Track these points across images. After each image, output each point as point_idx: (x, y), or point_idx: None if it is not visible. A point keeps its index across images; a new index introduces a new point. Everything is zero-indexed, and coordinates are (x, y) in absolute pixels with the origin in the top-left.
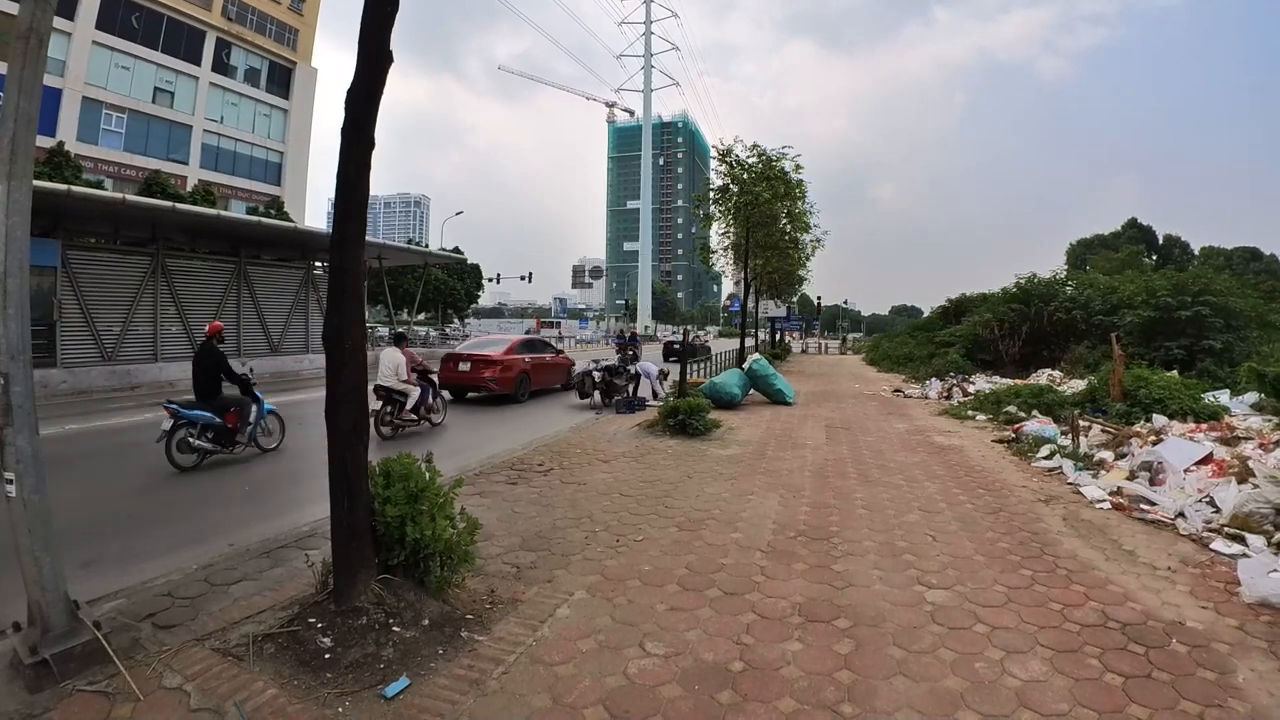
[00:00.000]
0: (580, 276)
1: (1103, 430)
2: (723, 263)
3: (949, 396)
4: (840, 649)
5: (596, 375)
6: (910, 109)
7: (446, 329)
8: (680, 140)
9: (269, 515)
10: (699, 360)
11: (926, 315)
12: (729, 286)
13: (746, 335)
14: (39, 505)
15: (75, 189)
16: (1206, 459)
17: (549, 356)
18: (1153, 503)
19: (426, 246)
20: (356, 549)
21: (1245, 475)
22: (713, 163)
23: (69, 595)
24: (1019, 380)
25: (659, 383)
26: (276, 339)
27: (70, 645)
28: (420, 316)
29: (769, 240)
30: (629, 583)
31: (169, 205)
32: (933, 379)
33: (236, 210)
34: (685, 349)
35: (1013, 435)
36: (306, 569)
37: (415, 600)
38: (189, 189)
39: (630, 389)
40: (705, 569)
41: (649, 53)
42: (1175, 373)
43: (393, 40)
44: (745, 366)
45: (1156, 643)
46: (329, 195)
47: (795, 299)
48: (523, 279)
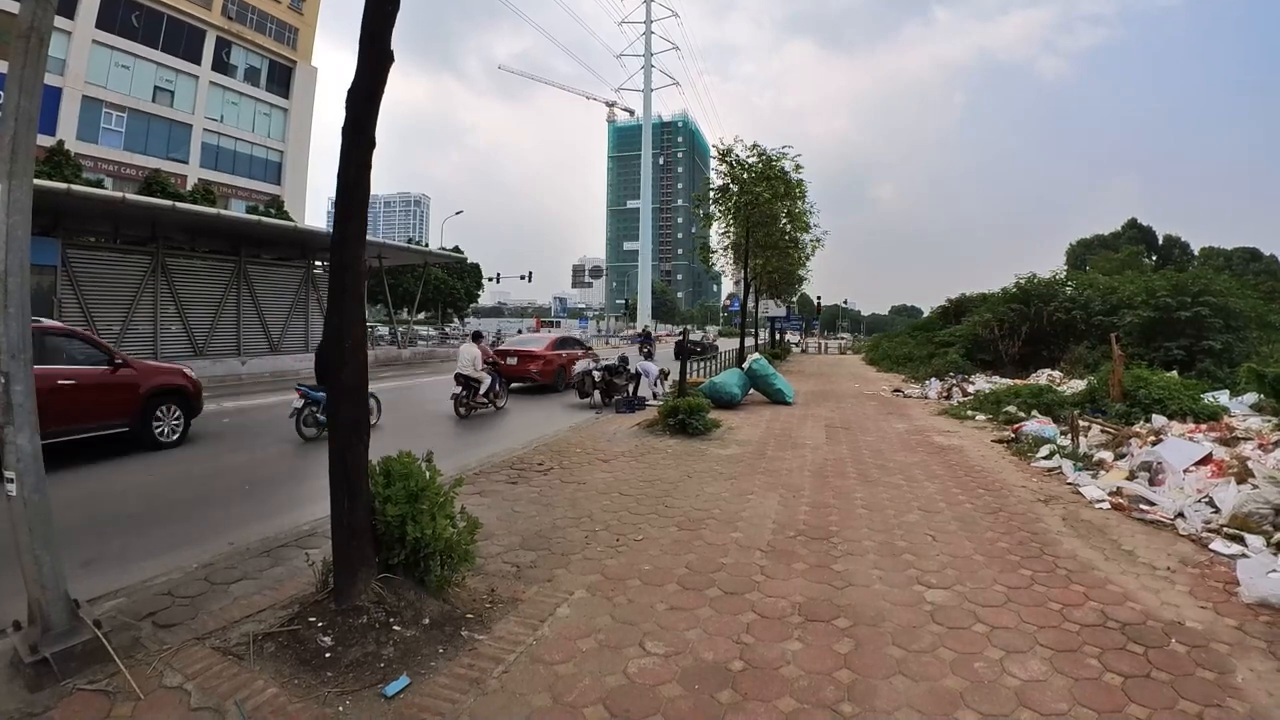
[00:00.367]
0: (580, 276)
1: (1102, 430)
2: (723, 262)
3: (949, 396)
4: (840, 648)
5: (596, 375)
6: (910, 109)
7: (446, 328)
8: (680, 140)
9: (269, 514)
10: (708, 358)
11: (926, 315)
12: (729, 286)
13: (746, 335)
14: (39, 504)
15: (75, 188)
16: (1206, 459)
17: (580, 352)
18: (1152, 503)
19: (426, 246)
20: (357, 548)
21: (1244, 475)
22: (712, 162)
23: (69, 594)
24: (1019, 380)
25: (659, 382)
26: (276, 338)
27: (71, 644)
28: (420, 316)
29: (769, 240)
30: (629, 582)
31: (169, 204)
32: (932, 379)
33: (236, 209)
34: (697, 347)
35: (1012, 435)
36: (307, 568)
37: (415, 599)
38: (189, 188)
39: (630, 388)
40: (705, 568)
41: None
42: (1175, 373)
43: (393, 39)
44: (745, 366)
45: (1156, 643)
46: (329, 194)
47: (795, 299)
48: (522, 278)
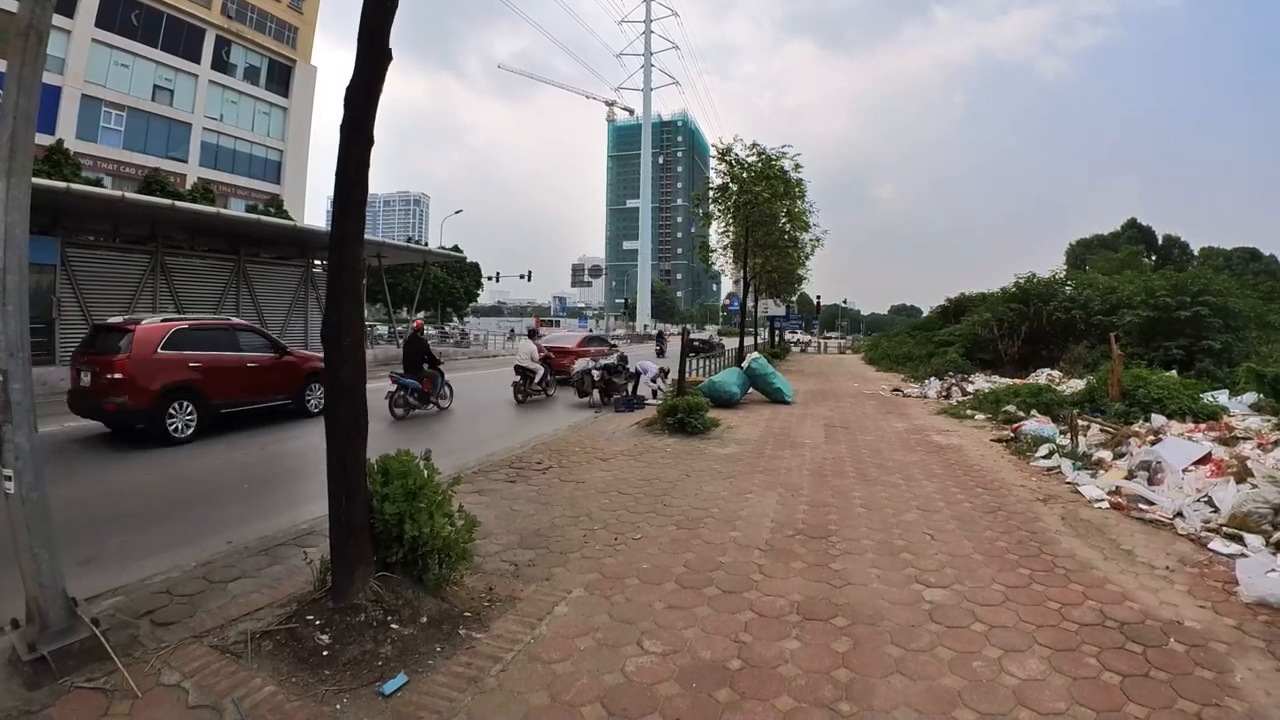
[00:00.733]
0: (580, 275)
1: (1101, 430)
2: (722, 262)
3: (948, 396)
4: (838, 647)
5: (596, 374)
6: (910, 109)
7: (445, 327)
8: (680, 139)
9: (267, 513)
10: (714, 356)
11: (926, 315)
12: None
13: (746, 334)
14: (37, 502)
15: (74, 186)
16: (1205, 459)
17: (604, 349)
18: (1151, 502)
19: (426, 245)
20: (355, 546)
21: (1244, 475)
22: (712, 162)
23: (67, 592)
24: (1018, 380)
25: (658, 381)
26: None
27: (68, 642)
28: (419, 315)
29: (768, 239)
30: (627, 581)
31: (168, 203)
32: (932, 378)
33: (236, 208)
34: (703, 345)
35: (1011, 435)
36: (305, 566)
37: (413, 598)
38: (188, 187)
39: (629, 387)
40: (703, 567)
41: (649, 51)
42: (1174, 373)
43: (392, 38)
44: (744, 365)
45: (1154, 642)
46: (328, 193)
47: (795, 298)
48: (522, 277)
